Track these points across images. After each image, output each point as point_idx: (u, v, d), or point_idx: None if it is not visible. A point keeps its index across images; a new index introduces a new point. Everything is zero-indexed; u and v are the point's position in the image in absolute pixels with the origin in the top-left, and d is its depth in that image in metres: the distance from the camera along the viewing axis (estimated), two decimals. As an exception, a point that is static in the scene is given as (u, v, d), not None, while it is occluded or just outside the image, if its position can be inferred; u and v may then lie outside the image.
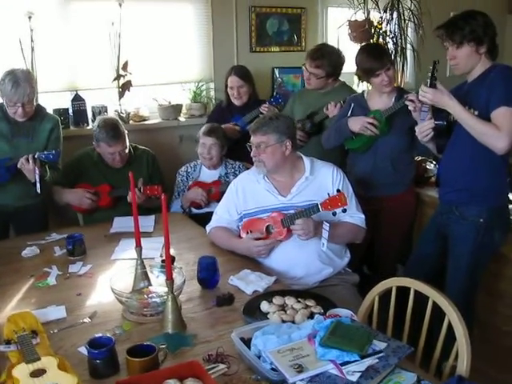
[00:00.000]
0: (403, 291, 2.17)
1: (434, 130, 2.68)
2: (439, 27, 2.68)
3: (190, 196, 3.57)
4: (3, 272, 2.59)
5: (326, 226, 2.55)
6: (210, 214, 3.08)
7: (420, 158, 3.65)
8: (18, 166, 3.11)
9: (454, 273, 2.80)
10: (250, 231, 2.73)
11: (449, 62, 2.68)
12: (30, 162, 3.09)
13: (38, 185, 3.13)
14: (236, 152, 3.76)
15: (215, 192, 3.54)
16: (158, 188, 3.36)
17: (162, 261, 2.43)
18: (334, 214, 2.56)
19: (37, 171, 3.11)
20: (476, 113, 2.54)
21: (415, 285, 2.11)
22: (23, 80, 3.08)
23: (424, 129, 2.71)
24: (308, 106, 3.81)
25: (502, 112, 2.45)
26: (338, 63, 3.75)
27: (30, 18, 3.70)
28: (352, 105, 3.35)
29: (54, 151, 3.16)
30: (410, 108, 2.91)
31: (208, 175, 3.69)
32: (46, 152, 3.15)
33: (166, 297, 1.99)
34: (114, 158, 3.47)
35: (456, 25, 2.62)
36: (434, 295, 2.02)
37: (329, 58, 3.68)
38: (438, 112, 2.65)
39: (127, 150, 3.53)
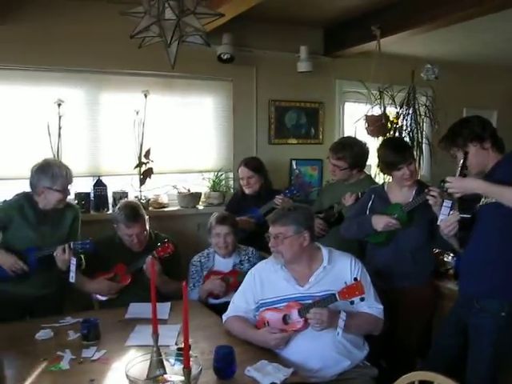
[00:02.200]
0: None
1: (459, 223, 2.69)
2: (441, 141, 2.81)
3: (208, 287, 3.47)
4: (17, 354, 2.56)
5: (342, 314, 2.53)
6: (228, 303, 3.04)
7: (437, 251, 3.64)
8: (54, 254, 3.19)
9: (474, 367, 2.72)
10: (268, 322, 2.70)
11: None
12: (67, 251, 3.18)
13: (72, 274, 3.19)
14: (253, 242, 3.76)
15: (233, 282, 3.44)
16: (168, 245, 3.42)
17: (178, 349, 2.38)
18: (352, 302, 2.56)
19: (73, 261, 3.18)
20: (493, 200, 2.57)
21: (438, 379, 2.06)
22: (67, 167, 3.33)
23: (449, 223, 2.72)
24: (334, 197, 3.86)
25: None
26: (360, 155, 3.84)
27: (59, 105, 3.89)
28: (372, 196, 3.39)
29: (88, 240, 3.25)
30: (430, 202, 2.94)
31: (222, 264, 3.61)
32: (80, 242, 3.25)
33: (182, 386, 1.94)
34: (132, 241, 3.49)
35: (455, 132, 2.76)
36: (458, 390, 1.97)
37: (350, 150, 3.76)
38: (461, 205, 2.68)
39: (146, 233, 3.55)
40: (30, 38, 3.87)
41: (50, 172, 3.22)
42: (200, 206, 4.64)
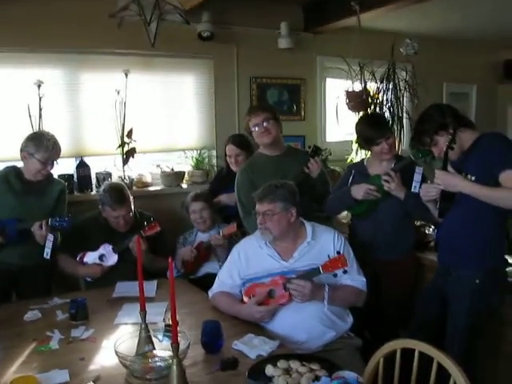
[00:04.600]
0: (406, 354, 2.17)
1: (441, 192, 2.74)
2: (410, 143, 2.88)
3: (180, 254, 3.65)
4: (5, 336, 2.57)
5: (326, 287, 2.60)
6: (207, 276, 3.20)
7: (419, 223, 3.70)
8: (31, 229, 3.22)
9: (452, 334, 2.81)
10: (253, 296, 2.74)
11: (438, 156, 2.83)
12: (44, 228, 3.20)
13: (47, 250, 3.24)
14: (239, 218, 3.80)
15: (202, 252, 3.63)
16: (155, 224, 3.45)
17: (166, 325, 2.42)
18: (335, 275, 2.61)
19: (50, 237, 3.22)
20: (473, 178, 2.63)
21: (420, 346, 2.11)
22: (57, 143, 3.38)
23: (430, 188, 2.79)
24: (275, 173, 3.37)
25: (510, 174, 2.55)
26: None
27: (39, 86, 3.87)
28: (353, 172, 3.43)
29: (66, 218, 3.27)
30: (385, 188, 3.11)
31: (203, 238, 3.76)
32: (58, 219, 3.26)
33: (170, 361, 1.97)
34: (119, 222, 3.53)
35: (417, 132, 2.85)
36: (439, 356, 2.02)
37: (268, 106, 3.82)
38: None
39: (131, 214, 3.59)
40: (7, 20, 3.83)
41: (37, 140, 3.31)
42: (184, 185, 4.66)
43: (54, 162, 3.37)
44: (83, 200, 4.07)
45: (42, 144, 3.29)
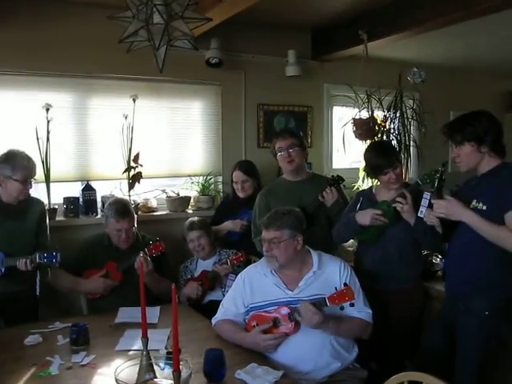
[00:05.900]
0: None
1: (441, 219, 2.70)
2: (445, 125, 2.80)
3: (186, 291, 3.56)
4: (4, 360, 2.54)
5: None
6: (211, 303, 3.21)
7: (426, 252, 3.66)
8: (18, 267, 3.12)
9: (461, 367, 2.75)
10: (257, 324, 2.70)
11: (453, 159, 2.79)
12: (28, 266, 3.11)
13: (37, 288, 3.19)
14: (245, 245, 3.79)
15: (206, 283, 3.57)
16: (160, 244, 3.44)
17: (168, 353, 2.38)
18: (342, 308, 2.57)
19: (38, 276, 3.18)
20: (484, 207, 2.59)
21: (427, 379, 2.06)
22: (32, 159, 3.27)
23: (430, 216, 2.78)
24: (290, 198, 3.51)
25: None
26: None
27: (47, 109, 3.89)
28: (361, 199, 3.39)
29: (54, 253, 3.16)
30: (398, 209, 3.06)
31: (204, 266, 3.74)
32: (46, 254, 3.15)
33: (171, 389, 1.94)
34: (120, 236, 3.50)
35: (458, 125, 2.76)
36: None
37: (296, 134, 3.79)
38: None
39: (134, 230, 3.58)
40: (18, 44, 3.86)
41: (12, 161, 3.18)
42: (189, 210, 4.63)
43: (32, 180, 3.27)
44: (88, 224, 4.06)
45: (18, 163, 3.17)
